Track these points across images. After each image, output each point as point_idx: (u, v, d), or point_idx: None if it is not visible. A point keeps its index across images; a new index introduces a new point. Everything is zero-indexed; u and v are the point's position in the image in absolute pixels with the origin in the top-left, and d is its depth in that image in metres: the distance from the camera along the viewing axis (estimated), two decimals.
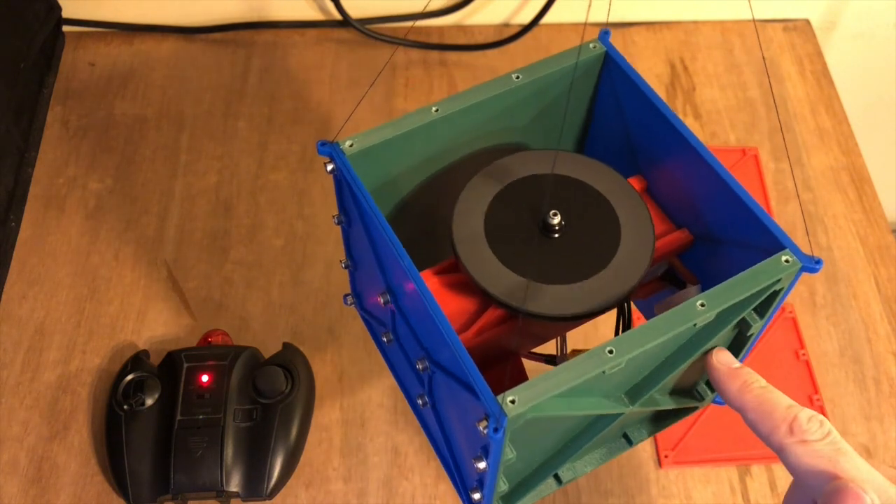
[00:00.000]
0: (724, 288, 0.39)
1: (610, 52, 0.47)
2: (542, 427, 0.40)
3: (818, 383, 0.68)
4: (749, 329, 0.43)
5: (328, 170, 0.43)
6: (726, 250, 0.45)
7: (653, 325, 0.38)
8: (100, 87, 0.83)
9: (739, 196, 0.42)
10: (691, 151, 0.44)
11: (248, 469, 0.60)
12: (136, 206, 0.76)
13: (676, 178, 0.47)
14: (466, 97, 0.45)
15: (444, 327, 0.38)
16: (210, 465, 0.59)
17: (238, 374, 0.62)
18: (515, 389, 0.36)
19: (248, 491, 0.60)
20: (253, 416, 0.61)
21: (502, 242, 0.44)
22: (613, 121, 0.50)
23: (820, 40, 0.90)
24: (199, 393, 0.61)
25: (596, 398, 0.41)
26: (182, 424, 0.60)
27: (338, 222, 0.48)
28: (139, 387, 0.62)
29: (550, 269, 0.43)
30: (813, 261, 0.40)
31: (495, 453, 0.37)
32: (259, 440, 0.60)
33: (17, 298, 0.70)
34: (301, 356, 0.65)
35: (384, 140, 0.44)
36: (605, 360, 0.37)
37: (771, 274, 0.39)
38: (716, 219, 0.45)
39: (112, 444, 0.61)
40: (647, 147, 0.48)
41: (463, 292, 0.45)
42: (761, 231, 0.41)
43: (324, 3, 0.86)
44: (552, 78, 0.47)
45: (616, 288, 0.43)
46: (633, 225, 0.45)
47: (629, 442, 0.48)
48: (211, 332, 0.66)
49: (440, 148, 0.47)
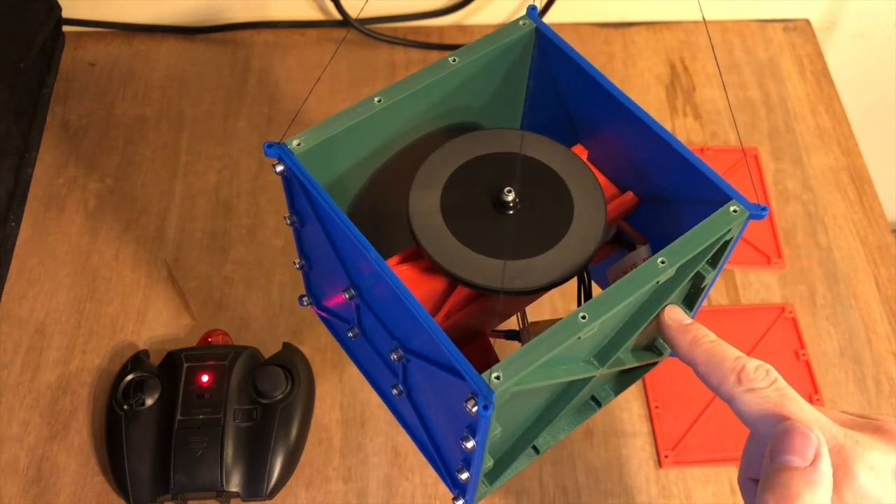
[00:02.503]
0: (680, 243, 0.40)
1: (539, 26, 0.48)
2: (522, 399, 0.41)
3: (818, 383, 0.68)
4: (703, 281, 0.44)
5: (276, 171, 0.43)
6: (673, 208, 0.46)
7: (619, 288, 0.39)
8: (100, 87, 0.83)
9: (682, 154, 0.43)
10: (629, 115, 0.45)
11: (248, 469, 0.60)
12: (136, 206, 0.76)
13: (616, 143, 0.48)
14: (406, 84, 0.46)
15: (420, 314, 0.38)
16: (210, 465, 0.59)
17: (238, 374, 0.62)
18: (498, 366, 0.36)
19: (248, 491, 0.60)
20: (253, 416, 0.61)
21: (461, 224, 0.45)
22: (551, 94, 0.51)
23: (820, 40, 0.90)
24: (199, 393, 0.61)
25: (570, 364, 0.42)
26: (182, 424, 0.60)
27: (289, 223, 0.47)
28: (139, 387, 0.62)
29: (512, 244, 0.44)
30: (759, 208, 0.41)
31: (483, 431, 0.38)
32: (259, 440, 0.60)
33: (17, 298, 0.70)
34: (301, 356, 0.65)
35: (331, 135, 0.44)
36: (579, 326, 0.38)
37: (722, 225, 0.41)
38: (660, 179, 0.46)
39: (112, 444, 0.61)
40: (585, 116, 0.49)
41: (426, 278, 0.45)
42: (707, 185, 0.43)
43: (324, 3, 0.87)
44: (488, 58, 0.48)
45: (576, 256, 0.44)
46: (584, 194, 0.46)
47: (598, 404, 0.50)
48: (211, 332, 0.66)
49: (387, 137, 0.48)
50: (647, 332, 0.46)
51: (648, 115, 0.44)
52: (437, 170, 0.47)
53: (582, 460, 0.64)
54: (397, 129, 0.48)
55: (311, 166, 0.43)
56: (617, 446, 0.65)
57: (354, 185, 0.49)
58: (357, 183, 0.49)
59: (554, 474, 0.64)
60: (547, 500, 0.62)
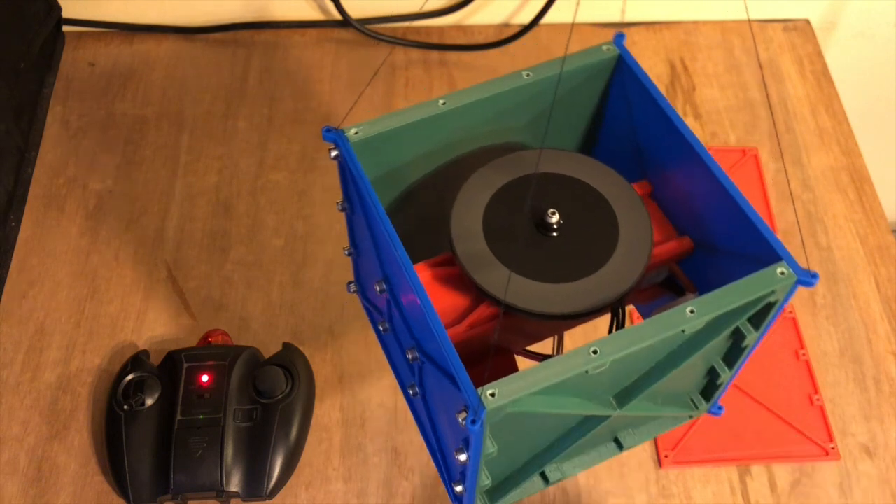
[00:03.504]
0: (715, 296, 0.39)
1: (623, 55, 0.47)
2: (526, 423, 0.40)
3: (818, 383, 0.68)
4: (744, 340, 0.42)
5: (332, 156, 0.43)
6: (725, 260, 0.45)
7: (640, 329, 0.38)
8: (100, 87, 0.83)
9: (740, 205, 0.42)
10: (696, 158, 0.43)
11: (248, 469, 0.60)
12: (136, 206, 0.76)
13: (680, 184, 0.46)
14: (474, 92, 0.45)
15: (431, 317, 0.38)
16: (210, 465, 0.59)
17: (238, 374, 0.62)
18: (496, 383, 0.36)
19: (248, 491, 0.60)
20: (253, 416, 0.61)
21: (499, 238, 0.44)
22: (622, 124, 0.50)
23: (820, 40, 0.90)
24: (199, 393, 0.61)
25: (581, 399, 0.41)
26: (182, 424, 0.60)
27: (341, 209, 0.48)
28: (139, 387, 0.62)
29: (544, 267, 0.43)
30: (809, 274, 0.39)
31: (475, 446, 0.38)
32: (259, 440, 0.60)
33: (17, 298, 0.70)
34: (301, 356, 0.65)
35: (389, 129, 0.44)
36: (588, 359, 0.37)
37: (764, 285, 0.39)
38: (716, 227, 0.45)
39: (112, 444, 0.61)
40: (654, 152, 0.48)
41: (459, 286, 0.45)
42: (759, 241, 0.41)
43: (324, 3, 0.86)
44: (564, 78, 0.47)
45: (609, 290, 0.43)
46: (631, 228, 0.45)
47: (619, 446, 0.48)
48: (211, 332, 0.66)
49: (445, 142, 0.47)
50: (681, 382, 0.45)
51: (712, 158, 0.43)
52: (487, 181, 0.46)
53: None
54: (457, 134, 0.47)
55: (365, 156, 0.43)
56: None
57: (404, 182, 0.49)
58: (408, 180, 0.49)
59: None
60: (547, 501, 0.62)
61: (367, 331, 0.69)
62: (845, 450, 0.65)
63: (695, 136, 0.44)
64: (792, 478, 0.64)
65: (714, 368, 0.45)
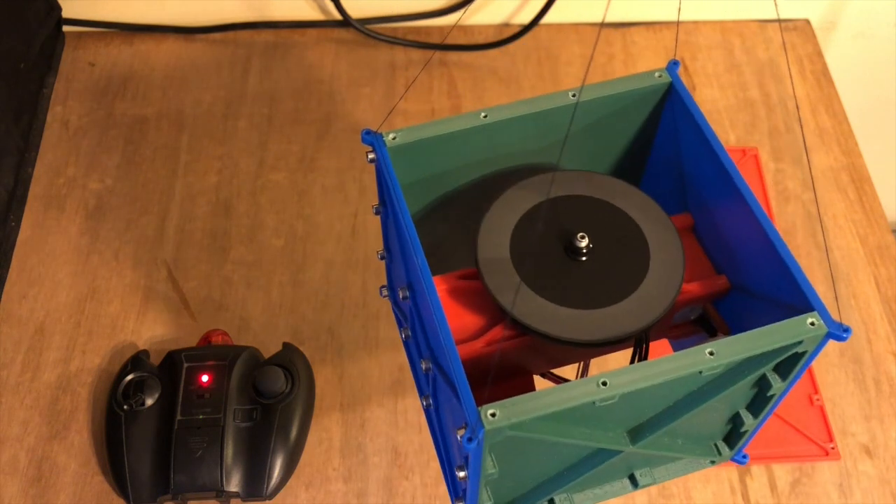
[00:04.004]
0: (737, 339, 0.37)
1: (675, 83, 0.46)
2: (532, 448, 0.40)
3: (818, 383, 0.68)
4: (769, 389, 0.41)
5: (369, 158, 0.43)
6: (760, 305, 0.43)
7: (655, 365, 0.37)
8: (100, 87, 0.83)
9: (777, 249, 0.40)
10: (738, 195, 0.42)
11: (248, 469, 0.60)
12: (136, 206, 0.76)
13: (721, 221, 0.45)
14: (517, 108, 0.45)
15: (441, 325, 0.38)
16: (210, 465, 0.59)
17: (238, 374, 0.62)
18: (499, 403, 0.35)
19: (248, 491, 0.60)
20: (253, 416, 0.61)
21: (525, 258, 0.43)
22: (670, 154, 0.49)
23: (820, 40, 0.90)
24: (199, 393, 0.61)
25: (591, 430, 0.40)
26: (182, 424, 0.60)
27: (376, 212, 0.48)
28: (139, 387, 0.62)
29: (569, 291, 0.42)
30: (841, 328, 0.38)
31: (473, 464, 0.37)
32: (259, 440, 0.60)
33: (17, 298, 0.70)
34: (301, 356, 0.65)
35: (428, 137, 0.44)
36: (595, 390, 0.36)
37: (791, 334, 0.38)
38: (753, 269, 0.43)
39: (112, 444, 0.61)
40: (698, 185, 0.47)
41: (482, 302, 0.44)
42: (794, 289, 0.39)
43: (324, 3, 0.86)
44: (607, 101, 0.46)
45: (632, 322, 0.41)
46: (663, 259, 0.43)
47: (634, 484, 0.47)
48: (211, 332, 0.66)
49: (483, 156, 0.47)
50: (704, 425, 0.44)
51: (754, 197, 0.42)
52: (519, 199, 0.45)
53: None
54: (496, 149, 0.46)
55: (401, 162, 0.43)
56: None
57: (439, 192, 0.48)
58: (443, 190, 0.48)
59: None
60: None
61: (367, 331, 0.69)
62: (845, 450, 0.65)
63: (739, 173, 0.42)
64: (792, 478, 0.64)
65: (738, 415, 0.44)
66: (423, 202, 0.49)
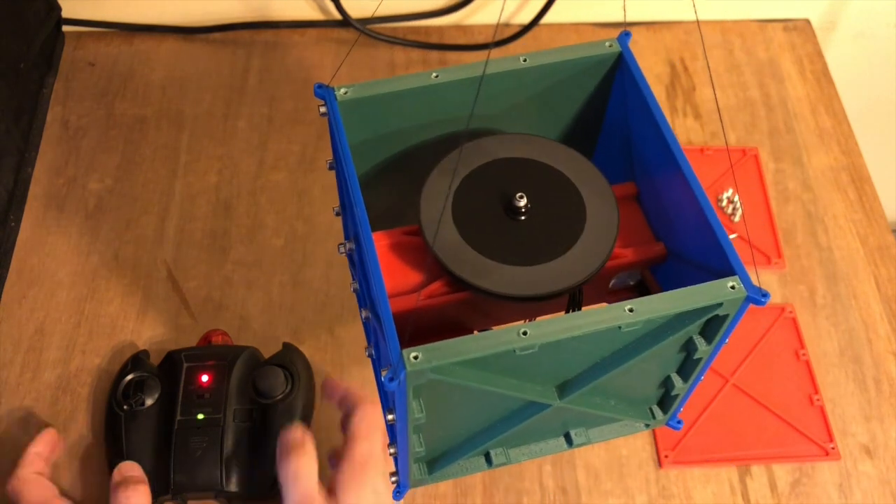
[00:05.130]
0: (657, 298, 0.38)
1: (625, 53, 0.47)
2: (460, 396, 0.40)
3: (818, 383, 0.68)
4: (696, 353, 0.42)
5: (320, 112, 0.44)
6: (692, 271, 0.44)
7: (574, 318, 0.38)
8: (100, 87, 0.83)
9: (707, 217, 0.41)
10: (675, 165, 0.43)
11: (248, 469, 0.60)
12: (136, 206, 0.76)
13: (661, 190, 0.46)
14: (468, 69, 0.45)
15: (374, 271, 0.38)
16: (210, 466, 0.59)
17: (238, 374, 0.62)
18: (422, 347, 0.36)
19: (248, 491, 0.60)
20: (253, 416, 0.61)
21: (466, 216, 0.44)
22: (619, 124, 0.50)
23: (820, 40, 0.90)
24: (199, 393, 0.61)
25: (517, 381, 0.40)
26: (182, 424, 0.60)
27: (329, 167, 0.48)
28: (139, 387, 0.61)
29: (506, 249, 0.43)
30: (760, 293, 0.39)
31: (399, 406, 0.38)
32: (259, 440, 0.60)
33: (17, 298, 0.70)
34: (301, 356, 0.65)
35: (378, 94, 0.44)
36: (515, 339, 0.37)
37: (710, 296, 0.38)
38: (687, 238, 0.44)
39: (112, 444, 0.61)
40: (643, 154, 0.48)
41: (425, 258, 0.45)
42: (720, 256, 0.40)
43: (324, 3, 0.86)
44: (557, 68, 0.47)
45: (565, 279, 0.43)
46: (598, 222, 0.45)
47: (569, 442, 0.48)
48: (211, 332, 0.66)
49: (434, 117, 0.47)
50: (636, 387, 0.45)
51: (688, 164, 0.42)
52: (463, 160, 0.46)
53: (582, 460, 0.64)
54: (446, 111, 0.47)
55: (352, 118, 0.44)
56: (617, 446, 0.65)
57: (390, 152, 0.49)
58: (393, 150, 0.49)
59: (554, 474, 0.64)
60: (547, 500, 0.62)
61: None
62: (845, 450, 0.65)
63: (678, 143, 0.43)
64: (792, 478, 0.64)
65: (669, 379, 0.45)
66: (375, 161, 0.49)
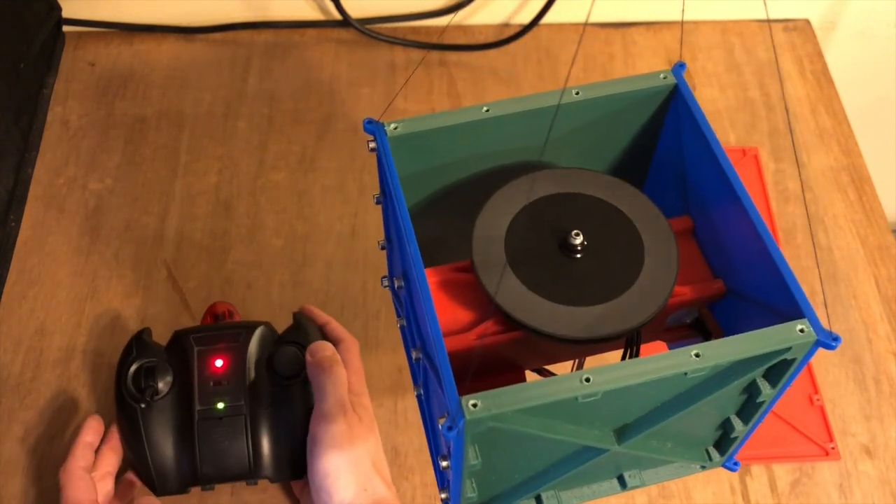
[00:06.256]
0: (724, 343, 0.37)
1: (680, 85, 0.46)
2: (517, 442, 0.40)
3: (818, 383, 0.68)
4: (759, 396, 0.41)
5: (370, 147, 0.44)
6: (754, 310, 0.43)
7: (639, 364, 0.37)
8: (100, 87, 0.83)
9: (772, 255, 0.40)
10: (736, 201, 0.42)
11: (275, 453, 0.58)
12: (136, 206, 0.76)
13: (720, 226, 0.45)
14: (520, 103, 0.45)
15: (429, 312, 0.38)
16: (238, 455, 0.57)
17: (254, 356, 0.59)
18: (481, 394, 0.35)
19: (276, 474, 0.58)
20: (274, 399, 0.58)
21: (520, 253, 0.43)
22: (673, 156, 0.49)
23: (820, 40, 0.90)
24: (215, 380, 0.58)
25: (576, 426, 0.40)
26: (202, 415, 0.57)
27: (377, 202, 0.48)
28: (150, 374, 0.58)
29: (561, 288, 0.42)
30: (831, 336, 0.37)
31: (455, 454, 0.37)
32: (283, 422, 0.58)
33: (17, 298, 0.70)
34: (314, 328, 0.62)
35: (429, 129, 0.44)
36: (578, 386, 0.36)
37: (779, 340, 0.37)
38: (747, 274, 0.43)
39: (131, 439, 0.58)
40: (699, 188, 0.47)
41: (476, 296, 0.44)
42: (786, 296, 0.39)
43: (324, 3, 0.86)
44: (610, 100, 0.46)
45: (621, 321, 0.41)
46: (657, 261, 0.43)
47: (623, 485, 0.47)
48: (216, 305, 0.65)
49: (484, 150, 0.47)
50: (694, 430, 0.44)
51: (750, 200, 0.42)
52: (517, 194, 0.45)
53: None
54: (497, 144, 0.46)
55: (402, 152, 0.43)
56: None
57: (439, 185, 0.49)
58: (442, 183, 0.49)
59: None
60: None
61: (367, 331, 0.69)
62: (845, 450, 0.65)
63: (738, 178, 0.42)
64: (792, 478, 0.64)
65: (729, 421, 0.44)
66: (423, 194, 0.49)
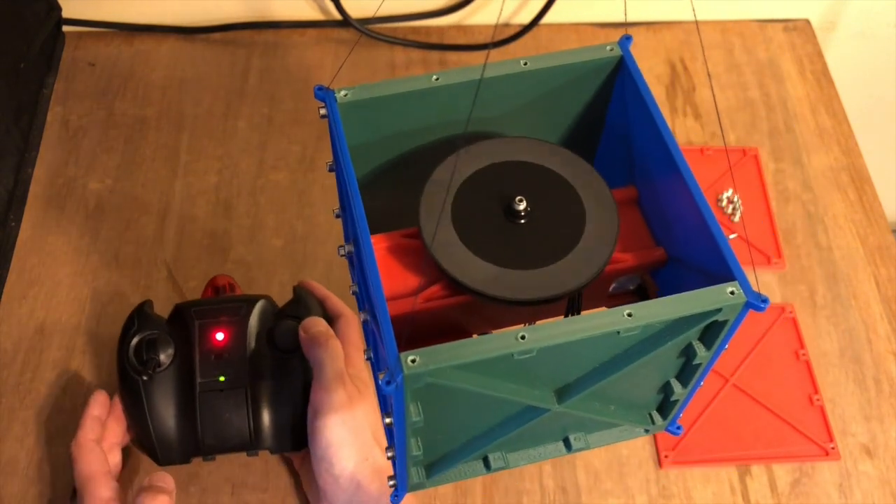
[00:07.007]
0: (656, 303, 0.38)
1: (626, 57, 0.46)
2: (458, 399, 0.40)
3: (818, 383, 0.68)
4: (695, 358, 0.42)
5: (320, 114, 0.44)
6: (692, 276, 0.44)
7: (573, 322, 0.37)
8: (100, 87, 0.83)
9: (707, 221, 0.41)
10: (675, 170, 0.43)
11: (276, 425, 0.58)
12: (136, 206, 0.76)
13: (662, 195, 0.46)
14: (469, 72, 0.45)
15: (372, 274, 0.38)
16: (239, 427, 0.57)
17: (255, 329, 0.60)
18: (419, 350, 0.36)
19: (277, 445, 0.59)
20: (274, 372, 0.59)
21: (465, 219, 0.44)
22: (620, 128, 0.50)
23: (820, 40, 0.90)
24: (216, 353, 0.59)
25: (516, 385, 0.40)
26: (204, 387, 0.58)
27: (329, 169, 0.48)
28: (151, 346, 0.59)
29: (505, 252, 0.43)
30: (759, 298, 0.38)
31: (396, 409, 0.38)
32: (283, 394, 0.59)
33: (17, 298, 0.70)
34: (315, 302, 0.63)
35: (378, 96, 0.44)
36: (513, 343, 0.36)
37: (711, 301, 0.38)
38: (687, 242, 0.44)
39: (133, 411, 0.59)
40: (643, 158, 0.48)
41: (424, 261, 0.45)
42: (720, 261, 0.40)
43: (324, 3, 0.87)
44: (558, 71, 0.46)
45: (562, 283, 0.43)
46: (598, 227, 0.45)
47: (568, 447, 0.47)
48: (217, 278, 0.65)
49: (434, 120, 0.47)
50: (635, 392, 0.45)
51: (688, 169, 0.42)
52: (462, 164, 0.46)
53: (582, 460, 0.64)
54: (446, 114, 0.47)
55: (352, 120, 0.44)
56: (617, 446, 0.65)
57: (390, 154, 0.49)
58: (393, 153, 0.49)
59: (554, 474, 0.64)
60: (547, 500, 0.62)
61: None
62: (845, 450, 0.65)
63: (678, 147, 0.43)
64: (792, 478, 0.64)
65: (669, 384, 0.45)
66: (374, 163, 0.49)
